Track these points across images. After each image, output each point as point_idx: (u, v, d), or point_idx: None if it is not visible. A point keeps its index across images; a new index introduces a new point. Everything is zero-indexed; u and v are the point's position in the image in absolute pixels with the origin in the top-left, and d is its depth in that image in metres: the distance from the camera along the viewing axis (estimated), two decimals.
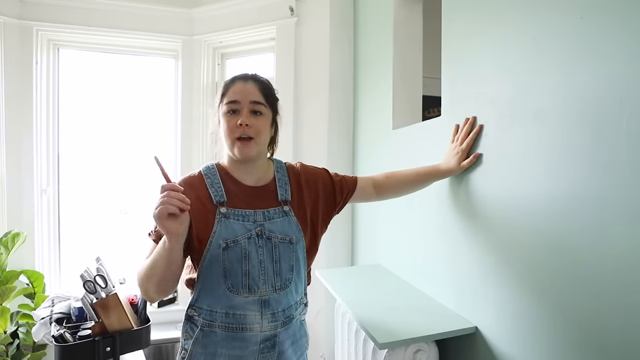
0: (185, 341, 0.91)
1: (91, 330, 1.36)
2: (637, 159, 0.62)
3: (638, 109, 0.62)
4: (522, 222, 0.86)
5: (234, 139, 0.88)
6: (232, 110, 0.89)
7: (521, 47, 0.87)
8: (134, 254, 2.38)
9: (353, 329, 1.26)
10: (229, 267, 0.85)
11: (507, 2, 0.91)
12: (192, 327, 0.90)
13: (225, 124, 0.90)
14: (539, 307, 0.82)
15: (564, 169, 0.76)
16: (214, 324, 0.87)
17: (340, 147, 1.95)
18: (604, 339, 0.68)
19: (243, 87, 0.90)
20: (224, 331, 0.87)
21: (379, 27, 1.64)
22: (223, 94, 0.93)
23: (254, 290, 0.87)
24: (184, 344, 0.92)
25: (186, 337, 0.91)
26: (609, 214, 0.67)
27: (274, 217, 0.92)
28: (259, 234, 0.88)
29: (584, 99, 0.72)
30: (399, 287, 1.35)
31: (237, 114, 0.89)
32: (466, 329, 1.00)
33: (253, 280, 0.86)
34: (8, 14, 1.95)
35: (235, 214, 0.89)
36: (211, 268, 0.86)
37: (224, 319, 0.87)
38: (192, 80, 2.23)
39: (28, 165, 2.02)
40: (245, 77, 0.93)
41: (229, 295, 0.86)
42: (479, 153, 1.00)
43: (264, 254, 0.88)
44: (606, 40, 0.67)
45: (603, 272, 0.68)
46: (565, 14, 0.75)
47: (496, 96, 0.95)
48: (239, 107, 0.89)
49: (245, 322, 0.86)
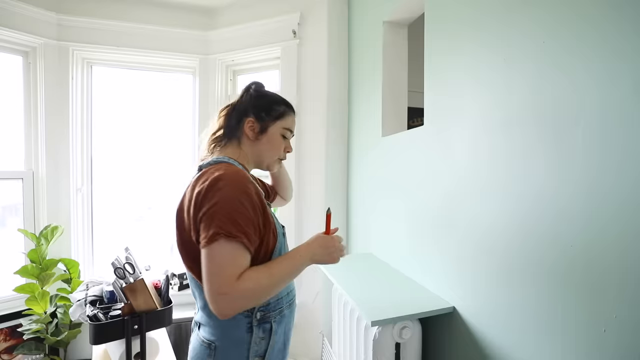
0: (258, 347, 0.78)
1: (121, 311, 1.36)
2: (591, 161, 0.63)
3: (593, 119, 0.63)
4: (493, 217, 0.87)
5: (277, 159, 0.91)
6: (284, 136, 0.89)
7: (493, 65, 0.88)
8: (158, 244, 2.38)
9: (348, 309, 1.26)
10: (285, 250, 0.84)
11: (481, 26, 0.92)
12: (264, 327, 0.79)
13: (279, 144, 0.88)
14: (509, 289, 0.83)
15: (530, 169, 0.77)
16: (283, 307, 0.83)
17: (337, 151, 1.95)
18: (558, 311, 0.69)
19: (294, 121, 0.92)
20: (288, 308, 0.86)
21: (370, 48, 1.65)
22: (281, 115, 0.88)
23: None
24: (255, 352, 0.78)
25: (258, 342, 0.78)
26: (567, 206, 0.68)
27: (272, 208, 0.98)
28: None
29: (546, 110, 0.73)
30: (388, 273, 1.36)
31: (286, 139, 0.91)
32: (445, 309, 1.01)
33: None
34: (48, 36, 1.95)
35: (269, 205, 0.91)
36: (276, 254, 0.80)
37: (287, 297, 0.85)
38: (207, 94, 2.23)
39: (65, 167, 2.02)
40: (295, 111, 0.93)
41: None
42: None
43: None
44: (566, 60, 0.68)
45: (560, 256, 0.69)
46: (531, 36, 0.76)
47: (471, 108, 0.96)
48: (290, 135, 0.91)
49: (293, 288, 0.90)
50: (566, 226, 0.68)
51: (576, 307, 0.66)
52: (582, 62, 0.65)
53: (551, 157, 0.71)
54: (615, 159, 0.59)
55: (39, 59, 1.95)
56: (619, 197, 0.59)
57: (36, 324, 1.76)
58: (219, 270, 0.66)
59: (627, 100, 0.57)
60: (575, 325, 0.66)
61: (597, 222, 0.62)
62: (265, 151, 0.87)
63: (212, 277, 0.66)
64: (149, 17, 2.12)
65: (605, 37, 0.61)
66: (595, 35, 0.62)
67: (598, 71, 0.62)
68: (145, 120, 2.32)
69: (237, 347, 0.77)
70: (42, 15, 1.92)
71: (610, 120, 0.60)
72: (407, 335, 1.01)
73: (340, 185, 1.96)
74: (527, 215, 0.77)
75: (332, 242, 0.82)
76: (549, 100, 0.72)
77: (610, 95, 0.60)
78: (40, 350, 1.84)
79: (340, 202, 1.96)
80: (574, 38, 0.66)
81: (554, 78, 0.71)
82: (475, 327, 0.93)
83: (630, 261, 0.57)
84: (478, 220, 0.92)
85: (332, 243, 0.82)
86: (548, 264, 0.72)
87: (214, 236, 0.66)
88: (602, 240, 0.61)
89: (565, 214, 0.68)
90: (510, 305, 0.82)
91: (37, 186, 1.97)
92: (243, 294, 0.67)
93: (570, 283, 0.67)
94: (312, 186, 1.96)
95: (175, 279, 2.23)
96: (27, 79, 1.97)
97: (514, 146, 0.81)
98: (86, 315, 1.37)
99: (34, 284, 1.77)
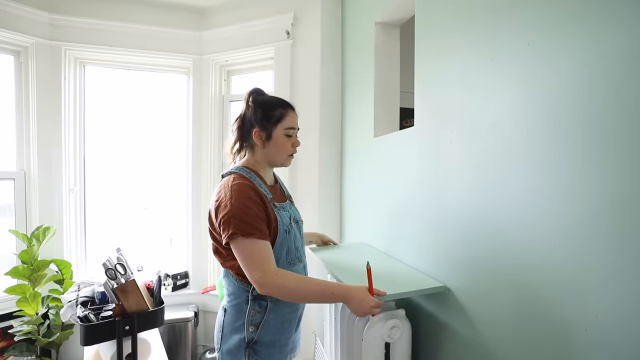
0: (254, 317, 0.96)
1: (112, 312, 1.35)
2: (574, 160, 0.64)
3: (575, 120, 0.64)
4: (479, 212, 0.88)
5: (287, 155, 1.03)
6: (288, 135, 1.01)
7: (481, 66, 0.88)
8: (153, 244, 2.38)
9: (339, 307, 1.26)
10: (289, 246, 1.00)
11: (469, 28, 0.93)
12: (261, 303, 0.97)
13: (284, 143, 1.01)
14: (492, 276, 0.83)
15: (516, 169, 0.77)
16: None
17: (330, 152, 1.96)
18: (523, 287, 0.70)
19: (295, 117, 1.03)
20: None
21: (363, 49, 1.66)
22: (280, 118, 1.00)
23: (301, 259, 1.05)
24: (250, 320, 0.96)
25: (254, 314, 0.96)
26: (548, 204, 0.68)
27: (291, 207, 1.08)
28: (293, 219, 1.04)
29: (531, 112, 0.73)
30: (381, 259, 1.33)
31: (290, 137, 1.02)
32: (437, 287, 0.99)
33: (300, 252, 1.05)
34: (40, 35, 1.94)
35: (280, 206, 1.02)
36: (280, 249, 0.97)
37: None
38: (201, 94, 2.23)
39: (57, 167, 2.01)
40: (293, 108, 1.04)
41: (289, 267, 1.00)
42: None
43: (298, 232, 1.05)
44: (549, 63, 0.69)
45: (546, 256, 0.70)
46: (515, 40, 0.77)
47: (460, 109, 0.96)
48: (293, 132, 1.03)
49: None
50: (549, 226, 0.69)
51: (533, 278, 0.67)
52: (570, 61, 0.65)
53: (537, 156, 0.72)
54: (596, 159, 0.60)
55: (30, 58, 1.93)
56: (602, 195, 0.59)
57: (27, 325, 1.75)
58: (249, 260, 0.88)
59: (607, 100, 0.58)
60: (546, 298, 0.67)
61: (581, 221, 0.63)
62: (275, 154, 1.02)
63: (245, 265, 0.89)
64: (142, 17, 2.11)
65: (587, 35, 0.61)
66: (581, 31, 0.63)
67: (580, 71, 0.63)
68: (138, 120, 2.31)
69: (238, 313, 0.98)
70: (33, 14, 1.91)
71: (593, 119, 0.61)
72: (396, 335, 1.01)
73: (333, 186, 1.97)
74: (514, 216, 0.78)
75: (369, 303, 0.87)
76: (537, 100, 0.72)
77: (593, 95, 0.61)
78: (31, 352, 1.82)
79: (333, 202, 1.96)
80: (562, 36, 0.67)
81: (540, 77, 0.71)
82: (466, 325, 0.94)
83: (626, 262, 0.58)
84: (467, 219, 0.93)
85: (368, 304, 0.87)
86: (529, 263, 0.73)
87: (232, 235, 0.88)
88: (586, 239, 0.62)
89: (549, 213, 0.69)
90: (498, 302, 0.82)
91: (29, 186, 1.96)
92: (273, 284, 0.87)
93: (551, 284, 0.68)
94: (305, 185, 1.96)
95: (169, 279, 2.23)
96: (19, 78, 1.95)
97: (502, 146, 0.82)
98: (77, 316, 1.37)
99: (25, 285, 1.76)
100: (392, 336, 1.01)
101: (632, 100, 0.54)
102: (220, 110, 2.26)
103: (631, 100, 0.54)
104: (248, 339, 0.96)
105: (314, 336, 1.87)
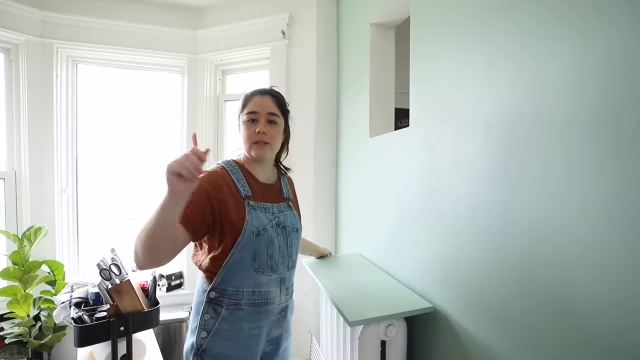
0: (206, 322, 0.88)
1: (107, 312, 1.34)
2: (562, 160, 0.66)
3: (564, 123, 0.66)
4: (475, 210, 0.89)
5: (251, 143, 0.92)
6: (251, 119, 0.93)
7: (475, 68, 0.90)
8: None
9: (335, 308, 1.27)
10: (257, 251, 0.89)
11: (464, 29, 0.94)
12: (216, 309, 0.88)
13: (245, 131, 0.93)
14: (486, 291, 0.85)
15: (508, 170, 0.79)
16: (241, 302, 0.88)
17: (325, 151, 1.97)
18: (515, 303, 0.72)
19: (261, 100, 0.94)
20: (250, 307, 0.89)
21: (358, 49, 1.67)
22: (244, 105, 0.95)
23: (275, 270, 0.92)
24: (203, 324, 0.88)
25: (207, 318, 0.88)
26: (543, 203, 0.70)
27: (284, 210, 0.98)
28: (277, 224, 0.94)
29: (522, 113, 0.75)
30: (373, 273, 1.37)
31: (255, 123, 0.93)
32: (425, 309, 1.02)
33: (275, 261, 0.92)
34: (31, 33, 1.91)
35: (260, 206, 0.92)
36: (242, 252, 0.87)
37: (251, 296, 0.89)
38: (196, 93, 2.22)
39: (49, 167, 1.99)
40: (264, 92, 0.96)
41: (255, 275, 0.89)
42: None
43: (281, 239, 0.94)
44: (540, 65, 0.71)
45: (539, 256, 0.71)
46: (509, 42, 0.79)
47: (454, 110, 0.98)
48: (257, 117, 0.93)
49: (269, 297, 0.91)
50: (549, 229, 0.70)
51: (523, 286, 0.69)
52: (561, 63, 0.67)
53: (530, 158, 0.74)
54: (584, 161, 0.62)
55: (21, 56, 1.90)
56: (597, 194, 0.61)
57: (18, 327, 1.73)
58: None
59: (595, 103, 0.60)
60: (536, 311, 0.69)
61: (571, 225, 0.65)
62: (242, 143, 0.94)
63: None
64: (136, 15, 2.10)
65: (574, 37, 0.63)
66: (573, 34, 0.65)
67: (571, 72, 0.64)
68: (132, 119, 2.29)
69: (196, 314, 0.90)
70: (24, 11, 1.88)
71: (577, 121, 0.62)
72: (392, 333, 1.03)
73: (329, 185, 1.97)
74: (509, 216, 0.79)
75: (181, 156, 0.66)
76: (528, 102, 0.74)
77: (581, 98, 0.62)
78: (23, 354, 1.80)
79: (328, 202, 1.97)
80: (553, 38, 0.69)
81: (532, 79, 0.73)
82: (459, 325, 0.95)
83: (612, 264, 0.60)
84: (459, 220, 0.95)
85: (180, 157, 0.66)
86: (528, 265, 0.74)
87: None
88: (587, 239, 0.64)
89: (544, 210, 0.71)
90: (490, 305, 0.84)
91: (19, 186, 1.93)
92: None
93: (543, 285, 0.70)
94: (300, 187, 1.96)
95: (164, 280, 2.21)
96: (9, 76, 1.92)
97: (496, 147, 0.83)
98: (71, 317, 1.36)
99: (16, 287, 1.73)
100: (388, 334, 1.02)
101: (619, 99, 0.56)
102: (215, 109, 2.25)
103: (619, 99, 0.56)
104: (197, 345, 0.88)
105: (309, 335, 1.88)
